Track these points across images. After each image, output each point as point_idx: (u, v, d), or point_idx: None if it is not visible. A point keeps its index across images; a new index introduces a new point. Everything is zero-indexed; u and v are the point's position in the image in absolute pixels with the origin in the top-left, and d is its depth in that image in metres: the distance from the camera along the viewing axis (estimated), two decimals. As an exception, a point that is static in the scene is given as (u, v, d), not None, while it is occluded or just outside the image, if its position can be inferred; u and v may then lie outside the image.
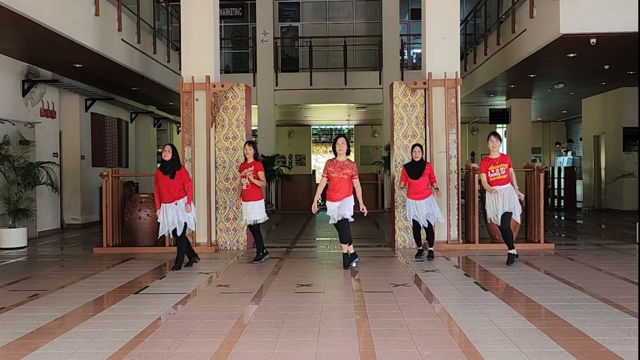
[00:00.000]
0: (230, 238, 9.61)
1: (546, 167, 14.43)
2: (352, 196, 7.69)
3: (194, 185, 9.47)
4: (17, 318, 5.31)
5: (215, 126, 9.65)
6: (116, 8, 11.48)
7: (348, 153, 7.80)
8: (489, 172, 7.68)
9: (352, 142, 26.41)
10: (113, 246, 9.60)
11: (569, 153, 23.48)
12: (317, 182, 17.85)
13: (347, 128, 26.31)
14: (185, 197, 7.74)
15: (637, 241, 9.88)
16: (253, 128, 16.93)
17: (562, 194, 18.13)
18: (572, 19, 9.64)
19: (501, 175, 7.61)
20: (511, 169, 7.73)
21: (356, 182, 7.72)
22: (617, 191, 15.88)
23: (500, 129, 24.46)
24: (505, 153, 7.84)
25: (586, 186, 18.54)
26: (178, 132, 19.87)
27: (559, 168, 18.88)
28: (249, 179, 8.13)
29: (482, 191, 8.22)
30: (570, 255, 8.77)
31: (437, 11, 9.71)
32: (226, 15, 20.06)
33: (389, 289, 6.40)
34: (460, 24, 10.46)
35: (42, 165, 10.71)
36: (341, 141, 7.68)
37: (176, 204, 7.64)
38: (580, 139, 20.32)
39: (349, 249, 7.76)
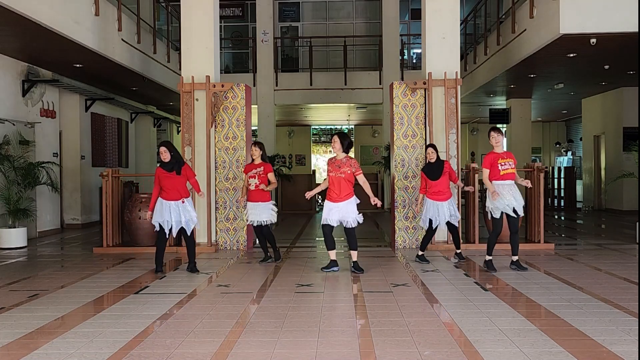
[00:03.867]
0: (230, 238, 9.62)
1: (546, 167, 14.45)
2: (353, 198, 7.35)
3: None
4: (17, 318, 5.31)
5: (215, 126, 9.65)
6: (116, 8, 11.48)
7: (347, 150, 7.44)
8: (500, 165, 7.27)
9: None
10: (113, 246, 9.60)
11: (569, 153, 23.48)
12: (317, 182, 17.87)
13: (347, 128, 26.30)
14: (189, 197, 7.55)
15: (637, 241, 9.88)
16: (253, 128, 16.94)
17: (562, 194, 18.13)
18: (572, 19, 9.64)
19: (511, 168, 7.28)
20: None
21: (360, 179, 7.34)
22: (617, 191, 15.88)
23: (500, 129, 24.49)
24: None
25: (586, 186, 18.53)
26: (178, 132, 19.88)
27: (559, 168, 18.88)
28: (258, 181, 8.05)
29: (482, 190, 8.14)
30: (570, 255, 8.77)
31: (437, 11, 9.71)
32: (226, 15, 20.06)
33: (389, 289, 6.40)
34: (460, 24, 10.46)
35: (42, 165, 10.70)
36: (335, 139, 7.40)
37: (183, 202, 7.38)
38: (580, 139, 20.32)
39: (354, 254, 7.45)
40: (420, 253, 8.25)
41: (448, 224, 8.13)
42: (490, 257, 7.46)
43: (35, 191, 11.16)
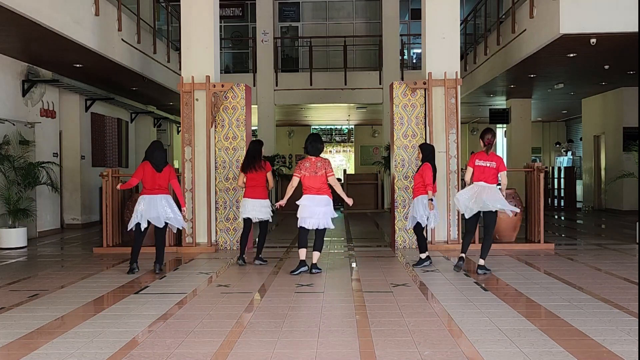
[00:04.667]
0: (230, 238, 9.61)
1: (546, 167, 14.44)
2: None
3: (194, 185, 9.48)
4: (17, 318, 5.31)
5: (215, 126, 9.65)
6: (116, 8, 11.48)
7: (306, 151, 7.83)
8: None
9: (352, 142, 26.45)
10: (113, 246, 9.59)
11: (569, 153, 23.48)
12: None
13: (347, 128, 26.29)
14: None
15: (637, 241, 9.88)
16: (253, 128, 16.96)
17: (562, 194, 18.13)
18: (572, 19, 9.64)
19: None
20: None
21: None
22: (617, 191, 15.88)
23: (500, 129, 24.53)
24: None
25: (586, 186, 18.54)
26: (178, 132, 19.88)
27: (559, 168, 18.87)
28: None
29: None
30: (570, 255, 8.77)
31: (437, 11, 9.71)
32: (226, 15, 20.06)
33: (389, 289, 6.40)
34: (460, 24, 10.46)
35: (42, 165, 10.70)
36: None
37: None
38: (580, 139, 20.32)
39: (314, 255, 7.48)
40: (423, 256, 7.89)
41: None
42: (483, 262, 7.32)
43: (35, 191, 11.16)
